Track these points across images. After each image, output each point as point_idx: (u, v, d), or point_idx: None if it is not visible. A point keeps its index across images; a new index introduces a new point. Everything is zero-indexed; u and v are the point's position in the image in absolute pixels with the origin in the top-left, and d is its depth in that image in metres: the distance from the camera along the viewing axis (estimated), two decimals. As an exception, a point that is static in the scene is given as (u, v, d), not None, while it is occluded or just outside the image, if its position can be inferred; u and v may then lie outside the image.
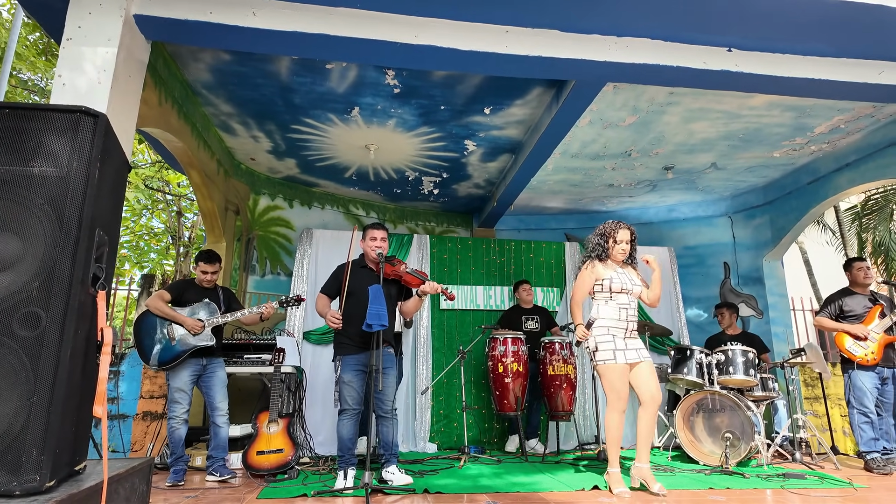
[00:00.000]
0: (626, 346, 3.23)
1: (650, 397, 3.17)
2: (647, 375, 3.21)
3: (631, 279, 3.35)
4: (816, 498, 3.07)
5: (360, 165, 5.66)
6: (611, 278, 3.28)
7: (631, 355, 3.22)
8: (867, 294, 4.30)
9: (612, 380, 3.18)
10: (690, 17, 3.10)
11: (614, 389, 3.18)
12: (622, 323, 3.26)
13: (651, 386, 3.19)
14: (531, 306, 5.30)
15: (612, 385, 3.19)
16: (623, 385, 3.18)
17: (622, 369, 3.19)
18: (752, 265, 6.19)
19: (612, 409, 3.20)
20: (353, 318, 3.20)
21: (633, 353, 3.23)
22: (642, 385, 3.21)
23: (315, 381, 4.94)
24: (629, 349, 3.23)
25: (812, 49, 3.40)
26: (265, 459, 3.58)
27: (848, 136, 4.86)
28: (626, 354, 3.21)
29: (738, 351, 4.35)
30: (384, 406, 3.27)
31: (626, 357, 3.20)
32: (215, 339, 3.54)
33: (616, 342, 3.23)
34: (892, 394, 4.13)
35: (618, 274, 3.31)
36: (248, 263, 5.66)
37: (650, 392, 3.18)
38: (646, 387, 3.20)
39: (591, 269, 3.34)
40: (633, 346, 3.26)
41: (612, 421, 3.20)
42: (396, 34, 3.11)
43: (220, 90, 4.26)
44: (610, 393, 3.20)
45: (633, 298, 3.32)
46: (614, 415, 3.19)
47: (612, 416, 3.20)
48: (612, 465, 3.19)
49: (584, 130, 4.77)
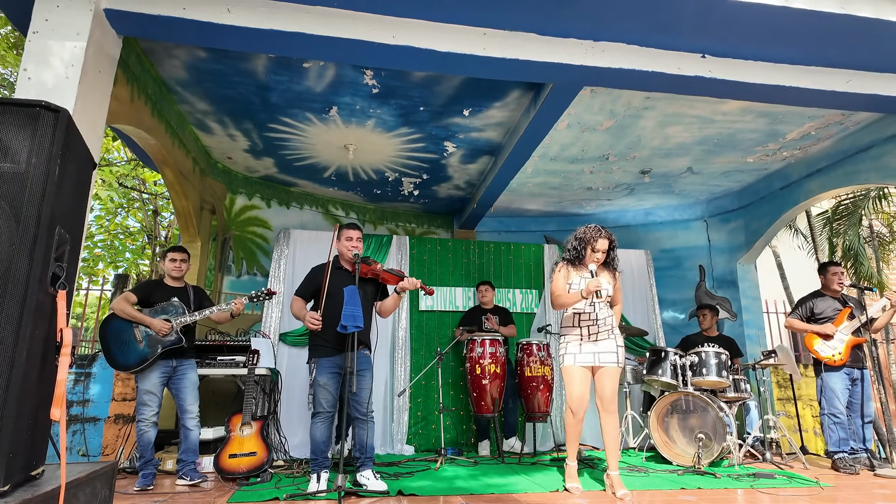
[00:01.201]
0: (581, 351, 3.28)
1: (601, 404, 3.25)
2: (601, 379, 3.26)
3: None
4: (784, 497, 3.12)
5: (339, 165, 5.62)
6: (572, 283, 3.34)
7: (584, 359, 3.26)
8: (837, 297, 4.40)
9: (565, 381, 3.33)
10: (664, 23, 3.14)
11: (567, 391, 3.32)
12: (576, 329, 3.33)
13: (602, 390, 3.24)
14: (491, 306, 5.31)
15: (566, 386, 3.34)
16: (576, 387, 3.25)
17: (575, 371, 3.26)
18: (726, 268, 6.29)
19: (566, 408, 3.36)
20: (329, 320, 3.17)
21: (589, 357, 3.26)
22: (596, 391, 3.29)
23: (291, 383, 4.88)
24: (583, 353, 3.28)
25: (782, 56, 3.47)
26: (237, 463, 3.53)
27: (818, 142, 4.97)
28: (577, 358, 3.27)
29: (711, 353, 4.42)
30: (360, 408, 3.24)
31: (577, 360, 3.27)
32: (186, 339, 3.48)
33: (568, 347, 3.32)
34: (860, 395, 4.23)
35: (582, 279, 3.33)
36: (223, 264, 5.58)
37: (599, 395, 3.26)
38: (598, 391, 3.27)
39: (563, 272, 3.40)
40: (589, 349, 3.28)
41: (566, 419, 3.34)
42: (374, 34, 3.09)
43: (195, 87, 4.20)
44: (567, 394, 3.34)
45: (593, 301, 3.30)
46: (567, 414, 3.32)
47: (566, 416, 3.34)
48: (570, 458, 3.32)
49: (562, 134, 4.80)
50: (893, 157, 4.34)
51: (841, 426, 4.10)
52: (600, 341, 3.29)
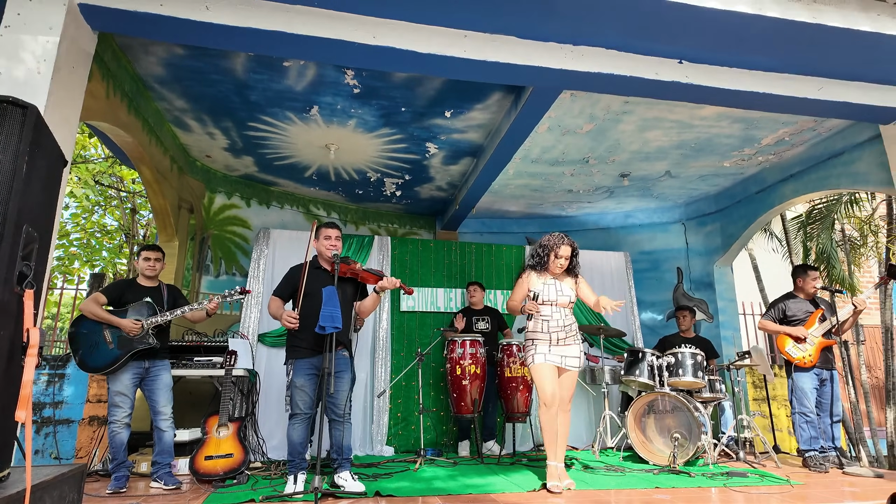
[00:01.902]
0: (549, 351, 3.36)
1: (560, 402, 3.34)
2: (564, 383, 3.39)
3: (559, 290, 3.45)
4: (756, 495, 3.19)
5: (320, 165, 5.59)
6: (536, 290, 3.42)
7: (553, 359, 3.35)
8: (809, 299, 4.50)
9: (537, 379, 3.37)
10: (643, 28, 3.18)
11: (539, 387, 3.36)
12: (545, 335, 3.40)
13: (565, 393, 3.38)
14: (482, 307, 5.33)
15: (539, 385, 3.37)
16: (548, 383, 3.31)
17: (545, 368, 3.33)
18: (703, 271, 6.40)
19: (540, 406, 3.37)
20: (307, 321, 3.15)
21: (556, 359, 3.37)
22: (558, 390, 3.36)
23: (270, 384, 4.84)
24: (551, 354, 3.36)
25: (756, 63, 3.55)
26: (213, 464, 3.49)
27: (792, 148, 5.09)
28: (546, 357, 3.34)
29: (687, 354, 4.49)
30: (338, 410, 3.23)
31: (547, 359, 3.34)
32: (159, 340, 3.42)
33: (538, 347, 3.38)
34: (829, 395, 4.32)
35: (545, 286, 3.43)
36: (201, 263, 5.52)
37: (564, 398, 3.38)
38: (560, 393, 3.36)
39: (525, 281, 3.48)
40: (557, 352, 3.38)
41: (541, 417, 3.35)
42: (354, 34, 3.09)
43: (173, 85, 4.14)
44: (539, 392, 3.38)
45: (557, 308, 3.42)
46: (541, 410, 3.34)
47: (540, 413, 3.37)
48: (549, 458, 3.33)
49: (543, 136, 4.84)
50: (863, 164, 4.46)
51: (811, 425, 4.19)
52: (567, 346, 3.42)
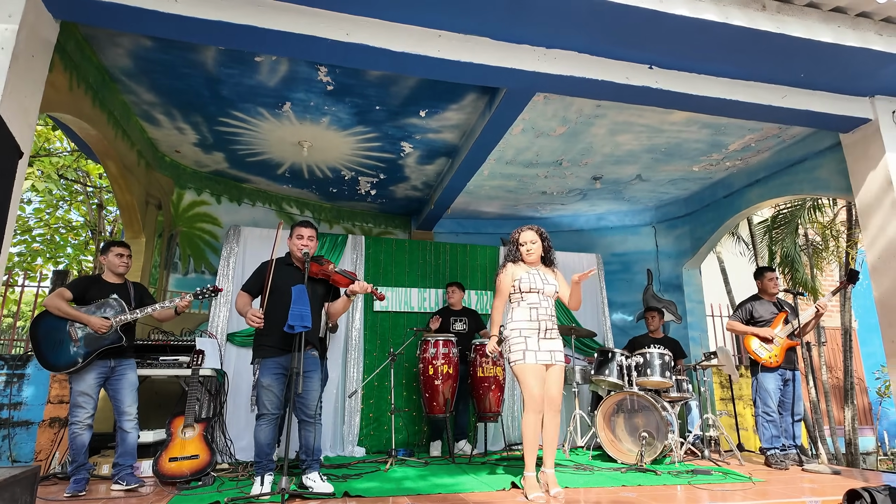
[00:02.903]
0: (539, 348, 3.22)
1: (548, 401, 3.19)
2: (551, 379, 3.23)
3: (544, 279, 3.36)
4: (719, 492, 3.26)
5: (293, 162, 5.52)
6: (520, 279, 3.32)
7: (543, 357, 3.21)
8: (774, 301, 4.63)
9: (525, 380, 3.16)
10: (614, 33, 3.23)
11: (528, 390, 3.15)
12: (534, 323, 3.26)
13: (551, 390, 3.20)
14: (460, 308, 5.34)
15: (525, 386, 3.17)
16: (536, 385, 3.14)
17: (534, 369, 3.16)
18: (672, 273, 6.53)
19: (527, 409, 3.16)
20: (275, 319, 3.10)
21: (546, 355, 3.22)
22: (546, 389, 3.22)
23: (239, 384, 4.76)
24: (542, 350, 3.22)
25: (724, 70, 3.63)
26: (178, 466, 3.41)
27: (758, 153, 5.23)
28: (537, 356, 3.19)
29: (655, 354, 4.57)
30: (307, 411, 3.19)
31: (538, 358, 3.18)
32: (125, 338, 3.34)
33: (528, 343, 3.21)
34: (791, 394, 4.45)
35: (528, 274, 3.34)
36: (169, 261, 5.40)
37: (549, 395, 3.19)
38: (547, 391, 3.20)
39: (507, 272, 3.39)
40: (547, 347, 3.24)
41: (527, 422, 3.14)
42: (327, 31, 3.06)
43: (141, 78, 4.04)
44: (525, 394, 3.18)
45: (544, 297, 3.32)
46: (529, 416, 3.13)
47: (527, 418, 3.14)
48: (528, 468, 3.13)
49: (517, 138, 4.87)
50: (824, 170, 4.60)
51: (773, 424, 4.31)
52: (553, 339, 3.30)
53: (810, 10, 3.28)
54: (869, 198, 3.99)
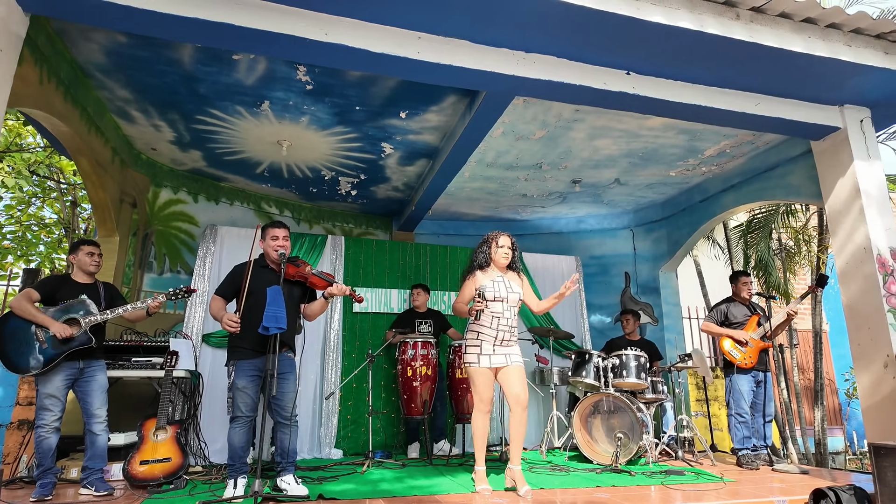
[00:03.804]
0: (494, 352, 3.33)
1: (514, 400, 3.28)
2: (514, 379, 3.31)
3: (509, 286, 3.44)
4: (692, 493, 3.32)
5: (272, 161, 5.47)
6: (485, 287, 3.38)
7: (498, 360, 3.32)
8: (748, 304, 4.72)
9: (476, 382, 3.33)
10: (591, 38, 3.26)
11: (477, 392, 3.33)
12: (492, 331, 3.35)
13: (516, 389, 3.29)
14: (425, 310, 5.34)
15: (475, 387, 3.33)
16: (485, 388, 3.30)
17: (485, 373, 3.30)
18: (650, 276, 6.61)
19: (475, 410, 3.34)
20: (250, 321, 3.07)
21: (502, 358, 3.33)
22: (507, 388, 3.32)
23: (214, 386, 4.69)
24: (497, 354, 3.33)
25: (699, 77, 3.69)
26: (149, 469, 3.35)
27: (733, 159, 5.33)
28: (491, 359, 3.31)
29: (631, 356, 4.63)
30: (283, 413, 3.17)
31: (492, 361, 3.31)
32: (95, 339, 3.26)
33: (483, 347, 3.33)
34: (762, 396, 4.55)
35: (493, 283, 3.40)
36: (144, 260, 5.30)
37: (514, 394, 3.28)
38: (511, 390, 3.29)
39: (472, 280, 3.45)
40: (502, 352, 3.35)
41: (475, 421, 3.34)
42: (306, 30, 3.04)
43: (116, 74, 3.97)
44: (474, 394, 3.35)
45: (508, 307, 3.39)
46: (477, 416, 3.33)
47: (475, 417, 3.35)
48: (478, 463, 3.32)
49: (497, 141, 4.89)
50: (796, 177, 4.71)
51: (745, 425, 4.39)
52: (510, 346, 3.40)
53: (782, 20, 3.35)
54: (838, 204, 4.09)
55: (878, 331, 3.72)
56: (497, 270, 3.49)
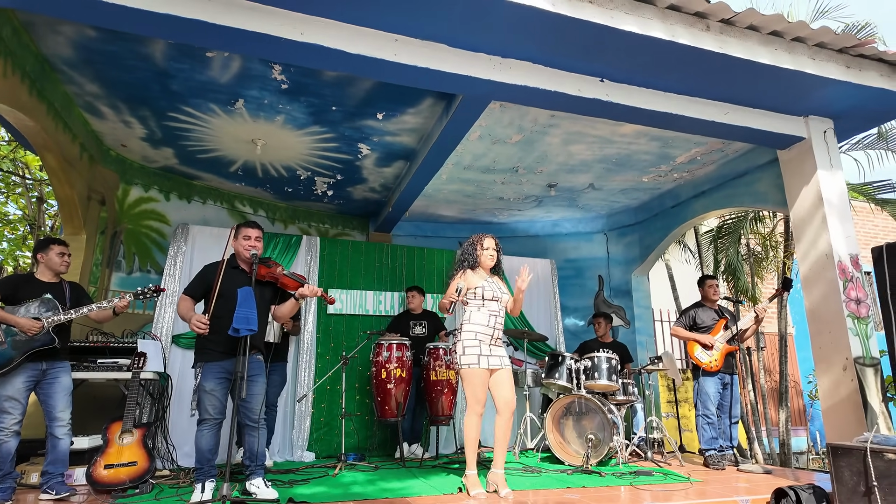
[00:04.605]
0: (491, 353, 3.35)
1: (504, 403, 3.31)
2: (504, 382, 3.35)
3: (500, 288, 3.51)
4: (660, 493, 3.38)
5: (246, 160, 5.40)
6: (483, 286, 3.40)
7: (493, 361, 3.35)
8: (715, 308, 4.83)
9: (474, 384, 3.29)
10: (566, 45, 3.31)
11: (474, 394, 3.29)
12: (489, 329, 3.38)
13: (506, 393, 3.32)
14: (420, 312, 5.35)
15: (472, 389, 3.30)
16: (483, 390, 3.30)
17: (483, 374, 3.31)
18: (622, 279, 6.72)
19: (470, 412, 3.30)
20: (220, 322, 3.02)
21: (496, 360, 3.37)
22: (498, 391, 3.34)
23: (184, 388, 4.60)
24: (493, 356, 3.36)
25: (670, 86, 3.78)
26: (114, 474, 3.27)
27: (703, 166, 5.45)
28: (489, 360, 3.33)
29: (602, 358, 4.70)
30: (251, 415, 3.12)
31: (489, 363, 3.33)
32: (59, 339, 3.18)
33: (482, 348, 3.33)
34: (729, 397, 4.65)
35: (488, 283, 3.45)
36: (112, 259, 5.18)
37: (504, 399, 3.31)
38: (501, 393, 3.33)
39: (464, 278, 3.45)
40: (496, 352, 3.39)
41: (470, 423, 3.28)
42: (281, 29, 3.02)
43: (84, 68, 3.87)
44: (470, 397, 3.32)
45: (501, 307, 3.46)
46: (472, 418, 3.28)
47: (470, 419, 3.29)
48: (470, 467, 3.25)
49: (474, 144, 4.92)
50: (763, 184, 4.84)
51: (712, 426, 4.49)
52: (499, 347, 3.44)
53: (750, 32, 3.45)
54: (802, 212, 4.22)
55: (838, 335, 3.85)
56: (484, 272, 3.52)
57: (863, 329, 3.83)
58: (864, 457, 2.71)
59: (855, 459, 2.77)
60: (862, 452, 2.73)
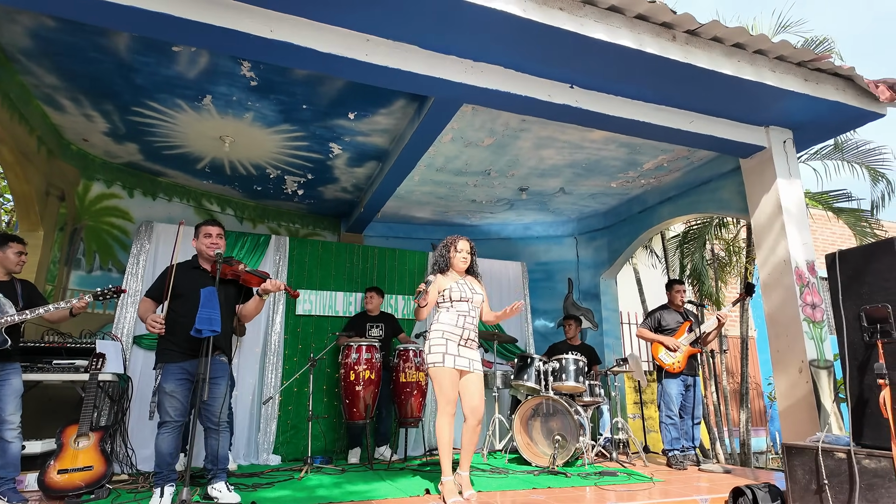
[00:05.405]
0: (459, 353, 3.27)
1: (470, 411, 3.25)
2: (473, 388, 3.28)
3: (472, 288, 3.45)
4: (624, 493, 3.43)
5: (214, 157, 5.29)
6: (451, 288, 3.38)
7: (461, 362, 3.26)
8: (681, 311, 4.94)
9: (442, 384, 3.20)
10: (537, 51, 3.34)
11: (444, 393, 3.18)
12: (458, 329, 3.31)
13: (474, 401, 3.26)
14: (377, 313, 5.31)
15: (441, 389, 3.20)
16: (452, 389, 3.20)
17: (451, 374, 3.21)
18: (591, 282, 6.82)
19: (441, 412, 3.19)
20: (182, 323, 2.95)
21: (465, 361, 3.28)
22: (465, 398, 3.28)
23: (145, 390, 4.46)
24: (461, 356, 3.27)
25: (638, 94, 3.85)
26: (69, 479, 3.16)
27: (670, 173, 5.58)
28: (456, 360, 3.24)
29: (570, 359, 4.76)
30: (213, 418, 3.06)
31: (456, 363, 3.24)
32: (10, 340, 3.05)
33: (448, 346, 3.26)
34: (692, 399, 4.77)
35: (458, 284, 3.41)
36: (71, 256, 5.01)
37: (471, 406, 3.25)
38: (468, 400, 3.26)
39: (435, 283, 3.43)
40: (466, 354, 3.30)
41: (442, 425, 3.17)
42: (251, 26, 2.96)
43: (43, 59, 3.74)
44: (440, 397, 3.21)
45: (473, 307, 3.40)
46: (444, 419, 3.17)
47: (441, 421, 3.18)
48: (445, 473, 3.15)
49: (447, 146, 4.93)
50: (726, 192, 4.98)
51: (675, 427, 4.59)
52: (472, 350, 3.37)
53: (715, 43, 3.55)
54: (762, 219, 4.36)
55: (794, 338, 3.98)
56: (456, 274, 3.49)
57: (818, 333, 3.98)
58: (816, 456, 2.81)
59: (807, 458, 2.87)
60: (814, 452, 2.83)
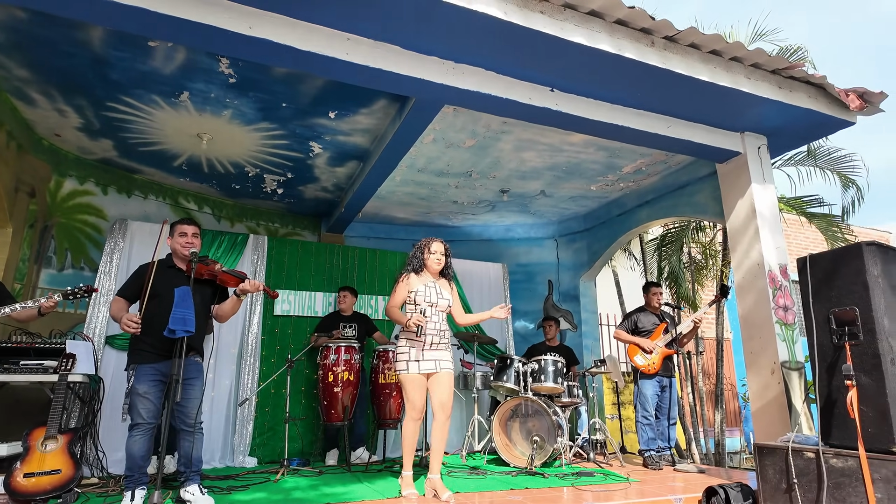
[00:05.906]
0: (423, 357, 3.32)
1: (438, 405, 3.31)
2: (441, 385, 3.33)
3: (439, 293, 3.46)
4: (601, 493, 3.47)
5: (191, 154, 5.20)
6: (417, 291, 3.40)
7: (427, 366, 3.31)
8: (657, 313, 5.01)
9: (408, 390, 3.30)
10: (518, 54, 3.36)
11: (409, 399, 3.31)
12: (421, 337, 3.35)
13: (441, 395, 3.31)
14: (350, 313, 5.28)
15: (407, 395, 3.31)
16: (419, 396, 3.29)
17: (416, 379, 3.30)
18: (571, 284, 6.88)
19: (408, 418, 3.32)
20: (155, 323, 2.90)
21: (430, 364, 3.33)
22: (434, 395, 3.34)
23: (118, 391, 4.35)
24: (426, 360, 3.32)
25: (617, 98, 3.90)
26: (35, 483, 3.07)
27: (648, 177, 5.65)
28: (420, 365, 3.30)
29: (549, 361, 4.79)
30: (187, 420, 3.01)
31: (421, 368, 3.30)
32: (-25, 341, 2.97)
33: (411, 353, 3.32)
34: (668, 400, 4.83)
35: (426, 287, 3.42)
36: (42, 254, 4.88)
37: (439, 400, 3.31)
38: (436, 396, 3.32)
39: (406, 282, 3.44)
40: (431, 357, 3.35)
41: (406, 429, 3.32)
42: (228, 22, 2.93)
43: (13, 52, 3.64)
44: (406, 402, 3.33)
45: (436, 312, 3.42)
46: (409, 424, 3.31)
47: (407, 426, 3.32)
48: (406, 468, 3.31)
49: (428, 147, 4.92)
50: (703, 196, 5.06)
51: (650, 427, 4.65)
52: (440, 350, 3.40)
53: (692, 50, 3.61)
54: (737, 223, 4.44)
55: (767, 340, 4.06)
56: (430, 276, 3.50)
57: (789, 334, 4.06)
58: (786, 455, 2.87)
59: (778, 458, 2.93)
60: (784, 451, 2.89)
